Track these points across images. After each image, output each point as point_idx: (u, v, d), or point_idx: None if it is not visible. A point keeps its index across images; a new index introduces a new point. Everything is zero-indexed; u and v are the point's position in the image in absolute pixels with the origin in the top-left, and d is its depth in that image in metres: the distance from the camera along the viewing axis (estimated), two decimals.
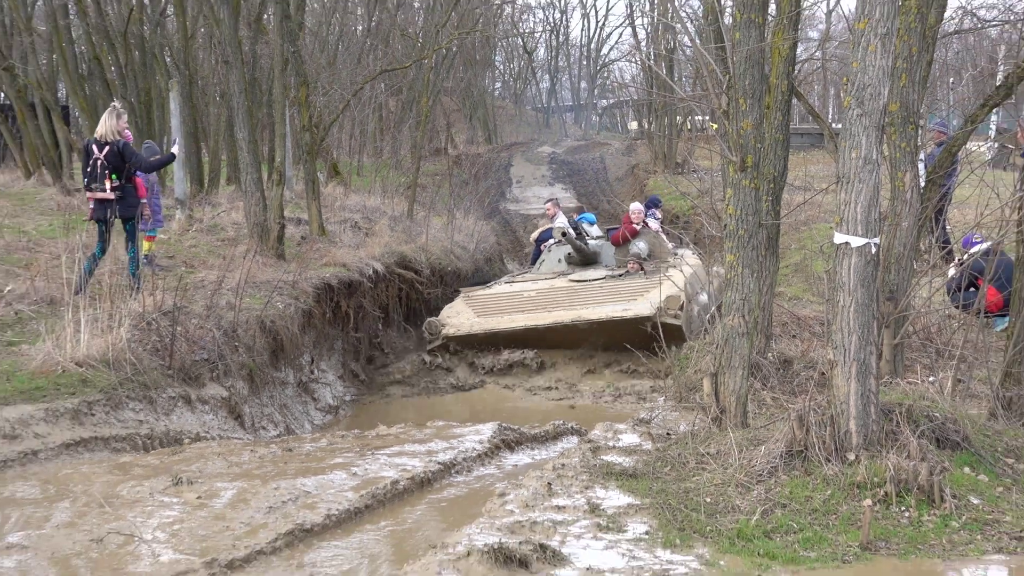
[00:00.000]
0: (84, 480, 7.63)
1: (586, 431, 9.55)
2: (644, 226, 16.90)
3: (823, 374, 8.50)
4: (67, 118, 24.99)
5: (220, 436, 10.08)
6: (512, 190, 36.23)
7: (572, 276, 15.71)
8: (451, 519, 7.01)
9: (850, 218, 6.57)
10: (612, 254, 16.56)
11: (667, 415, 9.70)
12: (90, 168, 11.62)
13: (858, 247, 6.56)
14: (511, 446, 9.20)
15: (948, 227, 13.94)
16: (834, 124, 16.79)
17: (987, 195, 8.99)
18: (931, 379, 8.54)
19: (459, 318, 14.94)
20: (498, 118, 55.27)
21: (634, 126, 57.52)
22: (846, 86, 6.70)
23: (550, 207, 20.09)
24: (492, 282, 17.58)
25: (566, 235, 16.14)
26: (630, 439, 8.46)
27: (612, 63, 72.93)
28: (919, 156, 9.45)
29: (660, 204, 19.85)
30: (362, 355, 15.66)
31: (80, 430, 8.65)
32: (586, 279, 15.39)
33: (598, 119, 71.47)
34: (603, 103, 72.24)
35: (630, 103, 60.40)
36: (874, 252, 6.61)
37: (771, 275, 10.07)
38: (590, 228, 17.70)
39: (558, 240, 16.85)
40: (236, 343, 11.58)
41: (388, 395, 14.56)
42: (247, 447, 8.99)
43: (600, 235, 17.46)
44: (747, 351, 8.00)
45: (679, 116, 33.18)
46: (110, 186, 11.50)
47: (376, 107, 34.14)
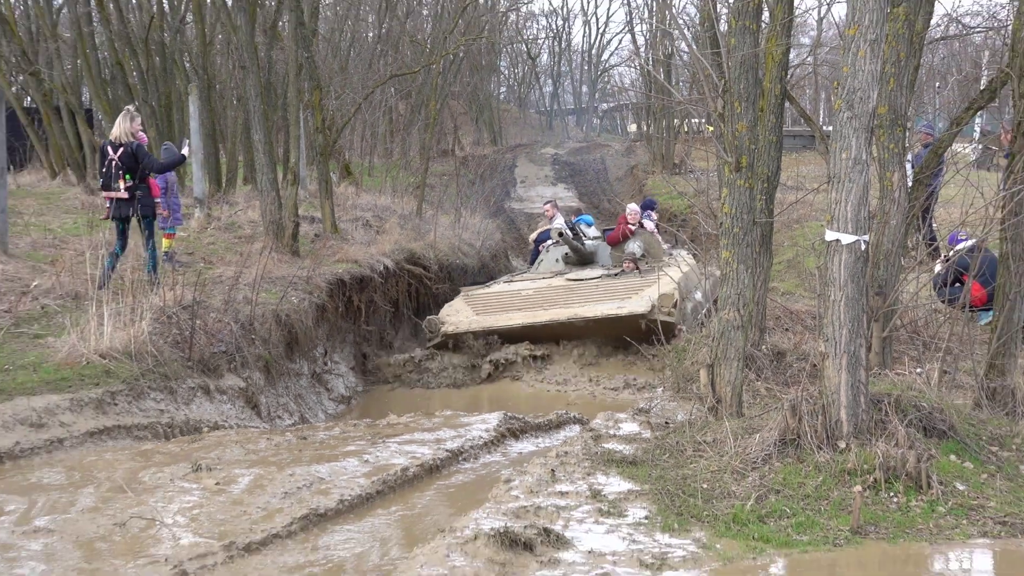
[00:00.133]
0: (107, 467, 7.64)
1: (588, 420, 9.53)
2: (640, 227, 16.71)
3: (815, 366, 8.47)
4: (91, 121, 25.01)
5: (237, 425, 10.07)
6: (516, 190, 36.20)
7: (569, 275, 15.54)
8: (459, 504, 7.01)
9: (840, 216, 6.56)
10: (608, 254, 16.42)
11: (665, 405, 9.69)
12: (105, 168, 11.64)
13: (848, 244, 6.55)
14: (516, 435, 9.19)
15: (934, 225, 13.93)
16: (825, 126, 16.80)
17: (972, 194, 8.97)
18: (918, 370, 8.54)
19: (458, 316, 14.77)
20: (503, 121, 55.21)
21: (633, 128, 57.51)
22: (837, 90, 6.68)
23: (548, 208, 19.87)
24: (491, 281, 17.43)
25: (563, 235, 15.97)
26: (630, 428, 8.45)
27: (612, 68, 73.04)
28: (906, 157, 9.45)
29: (656, 206, 19.73)
30: (372, 347, 15.65)
31: (104, 419, 8.65)
32: (582, 278, 15.23)
33: (599, 122, 71.45)
34: (604, 106, 72.22)
35: (630, 106, 60.42)
36: (864, 249, 6.60)
37: (765, 271, 10.07)
38: (587, 229, 17.49)
39: (556, 240, 16.73)
40: (253, 336, 11.58)
41: (393, 387, 14.48)
42: (263, 435, 8.98)
43: (597, 235, 17.28)
44: (742, 343, 8.00)
45: (677, 119, 33.14)
46: (124, 186, 11.50)
47: (386, 110, 34.15)
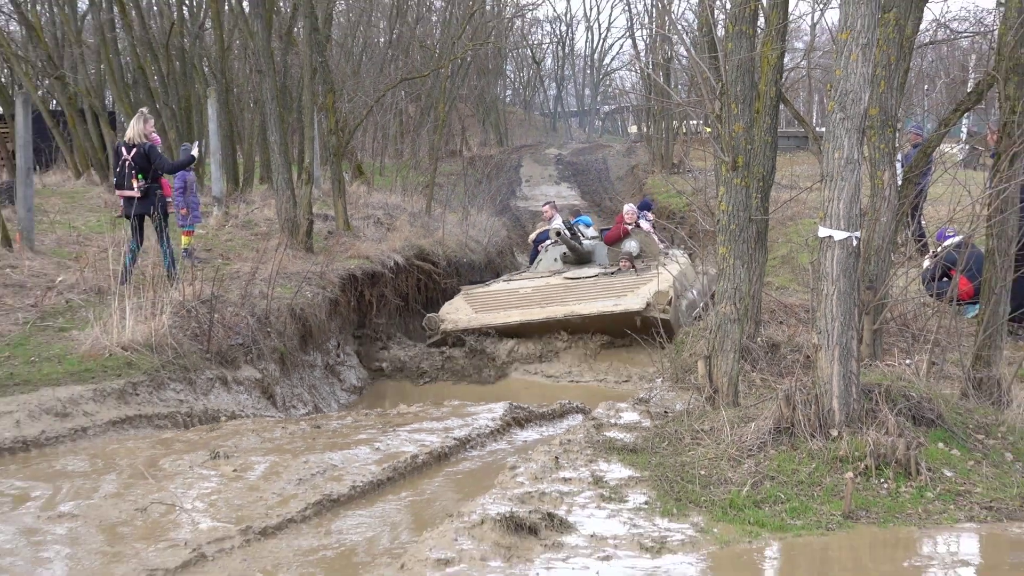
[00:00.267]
0: (129, 454, 7.64)
1: (590, 410, 9.52)
2: (636, 226, 16.59)
3: (808, 357, 8.45)
4: (114, 123, 25.01)
5: (254, 414, 10.08)
6: (522, 188, 36.19)
7: (567, 274, 15.37)
8: (466, 490, 7.01)
9: (833, 213, 6.54)
10: (605, 253, 16.26)
11: (664, 395, 9.66)
12: (119, 168, 11.64)
13: (840, 240, 6.53)
14: (521, 423, 9.18)
15: (923, 222, 13.91)
16: (818, 127, 16.75)
17: (959, 193, 8.95)
18: (907, 362, 8.52)
19: (457, 314, 14.64)
20: (509, 122, 55.20)
21: (634, 130, 57.53)
22: (830, 92, 6.67)
23: (547, 209, 19.65)
24: (491, 280, 17.25)
25: (560, 235, 15.79)
26: (630, 417, 8.44)
27: (614, 72, 72.99)
28: (896, 156, 9.42)
29: (652, 207, 19.58)
30: (382, 340, 15.62)
31: (126, 408, 8.66)
32: (579, 276, 15.07)
33: (601, 123, 71.46)
34: (605, 109, 72.27)
35: (630, 109, 60.47)
36: (855, 245, 6.58)
37: (760, 266, 10.03)
38: (585, 230, 17.22)
39: (554, 240, 16.58)
40: (268, 329, 11.58)
41: (398, 380, 14.32)
42: (279, 424, 8.99)
43: (595, 235, 17.06)
44: (738, 336, 7.98)
45: (675, 120, 33.07)
46: (136, 185, 11.49)
47: (397, 112, 34.13)
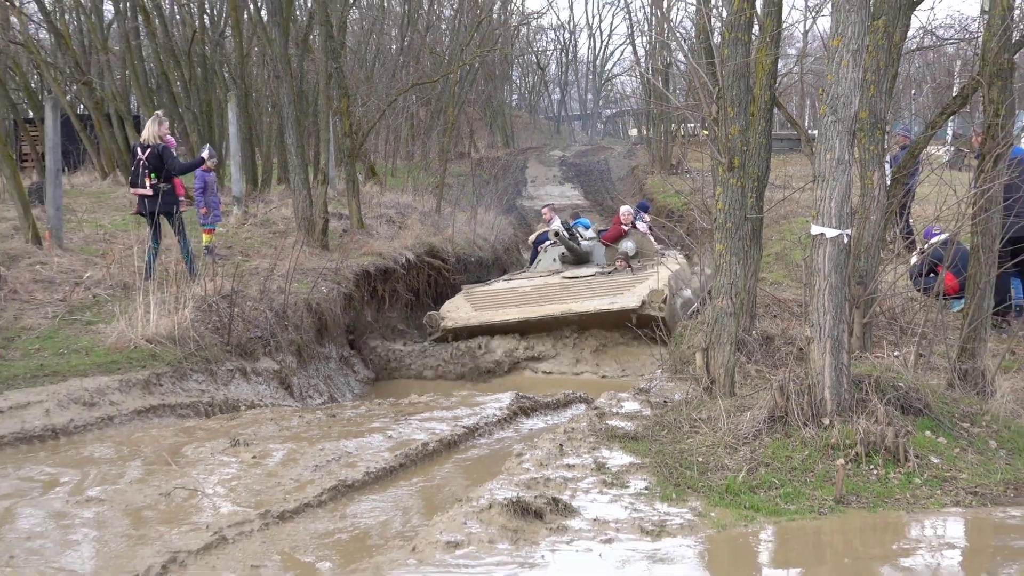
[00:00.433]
0: (153, 442, 7.66)
1: (592, 399, 9.52)
2: (633, 227, 16.41)
3: (801, 349, 8.45)
4: (138, 127, 24.93)
5: (272, 404, 10.09)
6: (527, 188, 36.15)
7: (565, 274, 15.18)
8: (474, 476, 7.01)
9: (825, 212, 6.53)
10: (603, 254, 16.08)
11: (664, 385, 9.64)
12: (134, 167, 11.63)
13: (832, 237, 6.51)
14: (527, 412, 9.18)
15: (911, 220, 13.88)
16: (810, 130, 16.71)
17: (945, 192, 8.94)
18: (896, 354, 8.50)
19: (458, 312, 14.40)
20: (515, 125, 55.05)
21: (634, 132, 57.30)
22: (822, 96, 6.65)
23: (547, 211, 19.52)
24: (491, 280, 17.04)
25: (559, 235, 15.67)
26: (631, 406, 8.43)
27: (615, 77, 72.88)
28: (885, 158, 9.40)
29: (649, 208, 19.43)
30: (392, 335, 15.61)
31: (150, 398, 8.68)
32: (577, 276, 14.88)
33: (602, 126, 71.27)
34: (607, 112, 72.08)
35: (631, 112, 60.34)
36: (846, 242, 6.57)
37: (755, 262, 10.01)
38: (584, 231, 17.08)
39: (553, 241, 16.42)
40: (286, 322, 11.59)
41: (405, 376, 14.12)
42: (296, 413, 9.00)
43: (593, 236, 16.88)
44: (734, 329, 7.96)
45: (674, 123, 33.00)
46: (148, 184, 11.48)
47: (408, 116, 34.09)
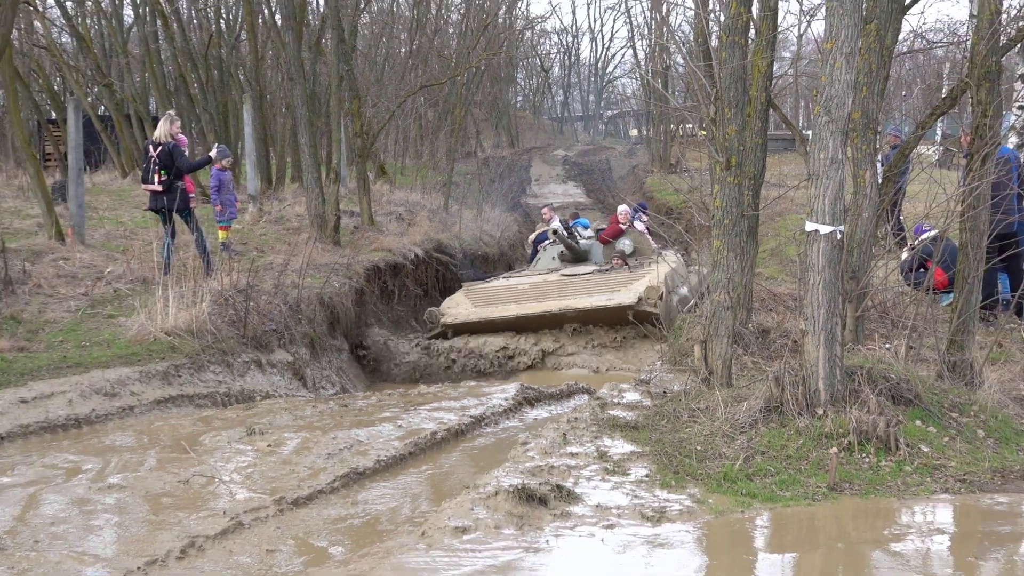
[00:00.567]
0: (172, 431, 7.68)
1: (595, 390, 9.51)
2: (630, 226, 16.21)
3: (796, 342, 8.43)
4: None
5: (286, 394, 10.10)
6: (532, 187, 36.09)
7: (564, 271, 14.85)
8: (481, 464, 7.01)
9: (819, 209, 6.52)
10: (601, 252, 15.80)
11: (663, 376, 9.64)
12: (146, 164, 11.64)
13: (826, 234, 6.51)
14: (532, 403, 9.18)
15: (902, 217, 13.84)
16: (804, 130, 16.69)
17: (935, 190, 8.91)
18: (887, 346, 8.50)
19: (458, 308, 14.02)
20: (519, 126, 54.98)
21: (635, 133, 57.37)
22: (816, 97, 6.64)
23: (547, 211, 19.32)
24: (491, 278, 16.62)
25: (557, 232, 15.44)
26: (632, 397, 8.43)
27: (616, 79, 72.74)
28: (877, 157, 9.38)
29: (647, 208, 19.29)
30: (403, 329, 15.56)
31: (169, 389, 8.70)
32: (576, 273, 14.54)
33: (604, 127, 71.17)
34: (608, 113, 71.99)
35: (631, 113, 60.31)
36: (839, 238, 6.56)
37: (751, 258, 9.99)
38: (583, 231, 16.77)
39: (552, 240, 16.21)
40: (299, 316, 11.59)
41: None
42: (309, 403, 9.01)
43: (591, 236, 16.53)
44: (731, 322, 7.96)
45: (673, 124, 32.96)
46: (158, 180, 11.46)
47: (417, 117, 34.08)
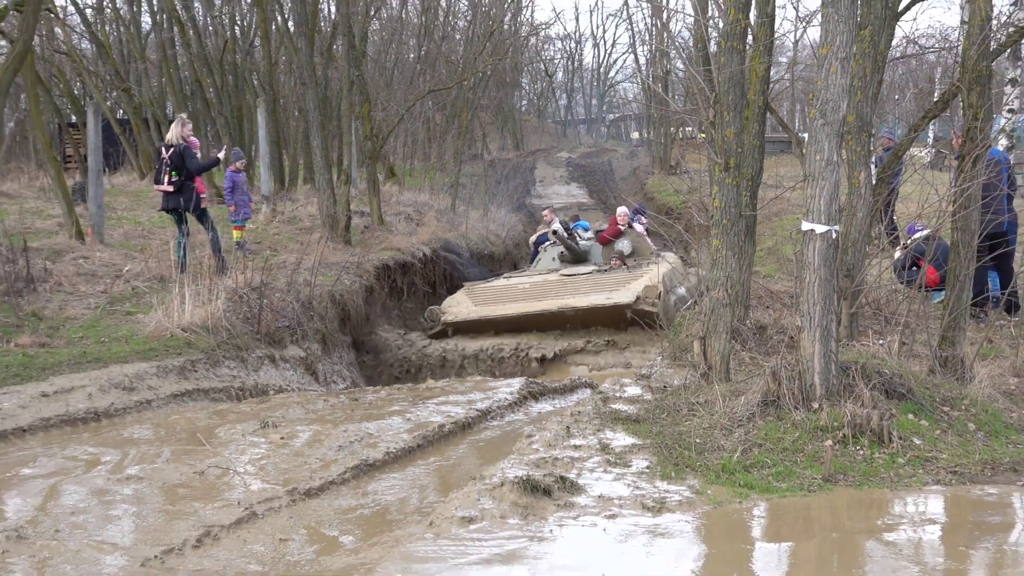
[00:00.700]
0: (188, 424, 7.68)
1: (597, 385, 9.50)
2: (629, 227, 16.09)
3: (792, 338, 8.41)
4: None
5: (299, 388, 10.11)
6: (536, 188, 36.12)
7: (563, 271, 14.65)
8: (487, 456, 7.00)
9: (815, 209, 6.50)
10: (600, 253, 15.64)
11: (664, 371, 9.62)
12: (158, 165, 11.70)
13: (821, 233, 6.49)
14: (536, 397, 9.16)
15: (895, 217, 13.79)
16: (800, 133, 16.65)
17: (927, 191, 8.89)
18: (881, 342, 8.47)
19: (458, 307, 13.85)
20: (524, 129, 54.96)
21: (636, 135, 57.28)
22: (812, 101, 6.62)
23: (547, 213, 19.07)
24: (491, 278, 16.42)
25: (556, 233, 15.30)
26: (633, 391, 8.42)
27: (618, 84, 72.72)
28: (871, 159, 9.35)
29: (646, 212, 19.18)
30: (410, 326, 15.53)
31: (185, 383, 8.70)
32: (575, 273, 14.35)
33: (606, 130, 71.08)
34: (610, 116, 71.90)
35: (632, 116, 60.26)
36: (834, 237, 6.54)
37: (749, 257, 9.96)
38: (583, 233, 16.64)
39: (552, 241, 16.06)
40: (312, 313, 11.60)
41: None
42: (321, 397, 9.01)
43: (591, 237, 16.40)
44: (730, 319, 7.94)
45: (673, 127, 32.95)
46: (168, 180, 11.49)
47: (425, 120, 34.08)
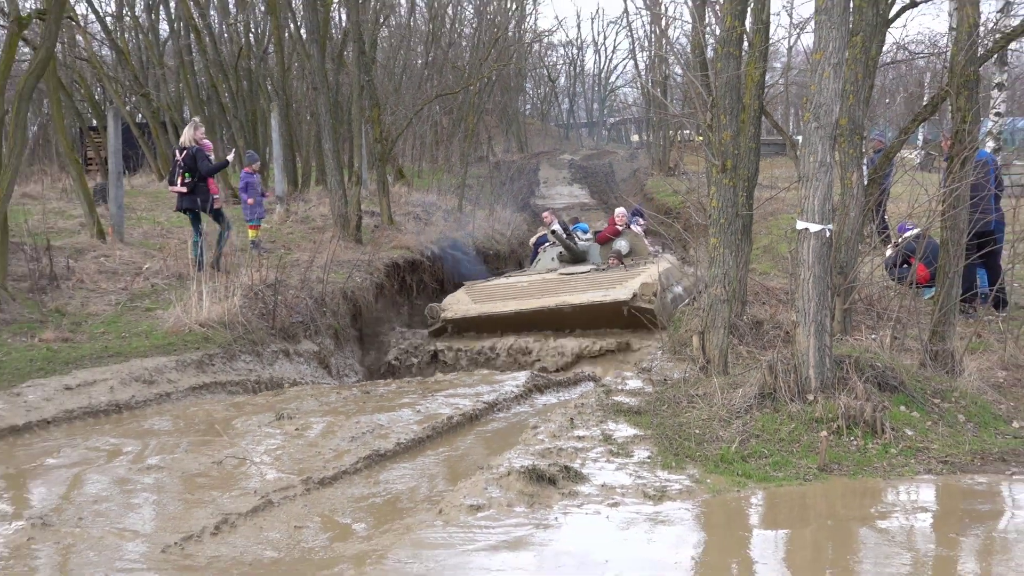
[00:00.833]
0: (206, 416, 7.70)
1: (600, 378, 9.52)
2: (627, 228, 15.94)
3: (788, 332, 8.43)
4: None
5: (312, 381, 10.13)
6: (540, 189, 36.11)
7: (562, 271, 14.48)
8: (494, 447, 7.02)
9: (809, 209, 6.51)
10: (599, 253, 15.49)
11: (664, 365, 9.62)
12: (172, 167, 11.79)
13: (815, 232, 6.49)
14: (541, 390, 9.17)
15: (886, 217, 13.80)
16: (795, 135, 16.63)
17: (917, 191, 8.91)
18: (873, 336, 8.48)
19: (458, 305, 13.55)
20: (528, 132, 54.92)
21: (636, 138, 57.29)
22: (806, 104, 6.61)
23: (547, 215, 19.07)
24: (491, 277, 16.18)
25: (555, 233, 15.00)
26: (635, 384, 8.43)
27: (618, 88, 72.63)
28: (863, 160, 9.36)
29: (644, 214, 19.09)
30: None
31: (203, 376, 8.73)
32: (574, 273, 14.16)
33: (607, 133, 71.03)
34: (611, 120, 71.88)
35: (632, 120, 60.24)
36: (828, 236, 6.55)
37: (746, 254, 9.95)
38: (582, 235, 16.31)
39: (552, 241, 15.75)
40: (324, 309, 11.63)
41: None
42: (334, 390, 9.02)
43: (589, 238, 16.15)
44: (727, 314, 7.95)
45: (672, 130, 32.92)
46: (181, 181, 11.55)
47: (432, 124, 34.10)
